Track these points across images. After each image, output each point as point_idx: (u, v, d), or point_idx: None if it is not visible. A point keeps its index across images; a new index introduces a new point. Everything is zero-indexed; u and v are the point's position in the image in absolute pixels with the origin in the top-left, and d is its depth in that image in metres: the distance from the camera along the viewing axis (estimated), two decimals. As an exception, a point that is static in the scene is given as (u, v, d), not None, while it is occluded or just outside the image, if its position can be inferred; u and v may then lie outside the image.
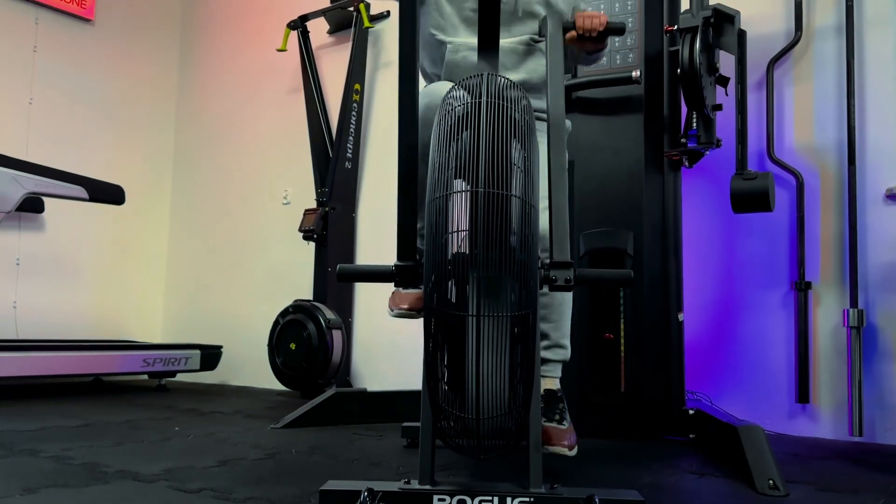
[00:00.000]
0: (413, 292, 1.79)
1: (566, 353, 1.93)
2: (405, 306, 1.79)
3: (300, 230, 3.82)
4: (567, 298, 1.92)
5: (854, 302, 2.52)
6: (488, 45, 1.54)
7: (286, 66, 4.36)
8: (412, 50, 1.46)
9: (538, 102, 1.94)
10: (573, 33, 1.86)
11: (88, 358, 3.59)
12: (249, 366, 4.23)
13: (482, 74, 1.39)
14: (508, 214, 1.26)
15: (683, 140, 2.49)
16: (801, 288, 2.63)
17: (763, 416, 2.64)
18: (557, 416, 1.80)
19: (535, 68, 1.95)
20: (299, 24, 4.13)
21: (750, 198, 2.42)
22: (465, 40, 1.92)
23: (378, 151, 3.97)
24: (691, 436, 2.37)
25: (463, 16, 1.94)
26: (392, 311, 1.83)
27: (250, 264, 4.46)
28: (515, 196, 1.26)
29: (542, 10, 1.95)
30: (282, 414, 2.72)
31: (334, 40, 4.21)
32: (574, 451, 1.74)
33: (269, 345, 3.65)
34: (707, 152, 2.53)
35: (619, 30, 1.86)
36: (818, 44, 2.73)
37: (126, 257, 4.74)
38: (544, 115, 1.93)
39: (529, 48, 1.94)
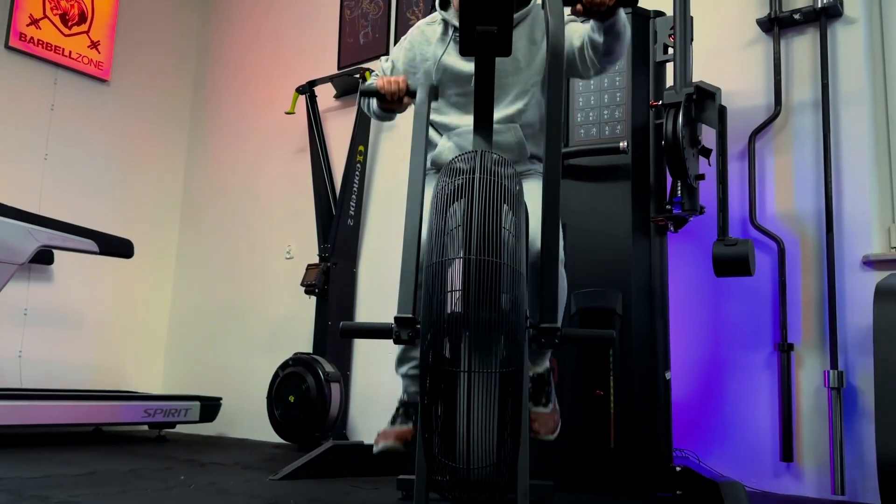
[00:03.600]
0: (399, 429, 1.94)
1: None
2: (390, 441, 1.93)
3: (302, 284, 3.93)
4: (562, 289, 1.99)
5: (834, 363, 2.61)
6: (483, 125, 1.68)
7: (293, 127, 4.54)
8: (424, 119, 1.61)
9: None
10: (579, 8, 1.80)
11: (90, 408, 3.66)
12: (247, 418, 4.29)
13: (476, 151, 1.53)
14: (498, 279, 1.38)
15: (669, 207, 2.63)
16: (784, 349, 2.73)
17: (749, 473, 2.71)
18: (544, 399, 1.90)
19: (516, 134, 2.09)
20: (307, 89, 4.33)
21: (731, 263, 2.55)
22: (455, 123, 2.09)
23: (380, 210, 4.12)
24: (678, 492, 2.44)
25: (450, 102, 2.12)
26: (376, 445, 1.96)
27: (252, 317, 4.56)
28: (504, 263, 1.38)
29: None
30: (280, 466, 2.78)
31: (340, 104, 4.41)
32: (555, 435, 1.86)
33: (269, 397, 3.72)
34: (691, 218, 2.66)
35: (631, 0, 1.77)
36: (797, 118, 2.90)
37: (130, 309, 4.84)
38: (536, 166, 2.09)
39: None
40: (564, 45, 1.72)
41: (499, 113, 1.99)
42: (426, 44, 2.17)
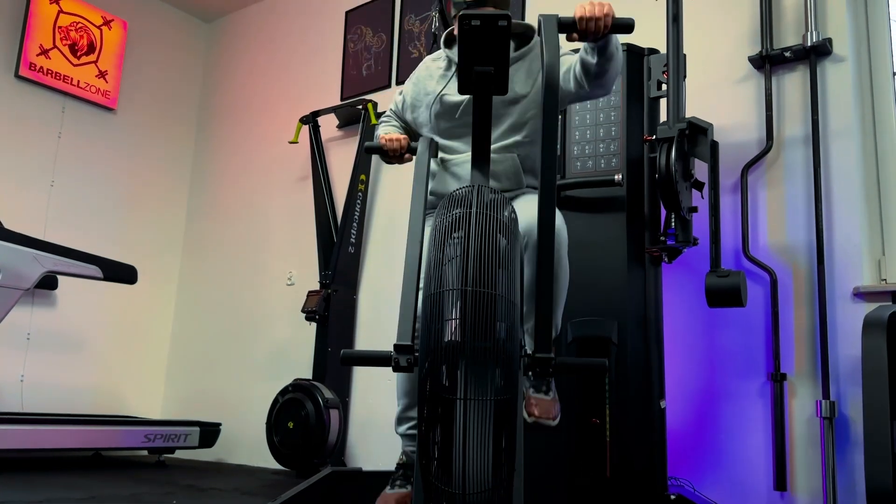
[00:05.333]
0: (398, 492, 1.97)
1: (555, 330, 2.10)
2: None
3: (303, 311, 3.98)
4: (563, 276, 2.07)
5: (826, 393, 2.65)
6: (480, 158, 1.75)
7: (296, 156, 4.63)
8: (424, 170, 1.68)
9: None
10: (575, 36, 1.77)
11: (91, 432, 3.68)
12: (246, 444, 4.30)
13: (474, 186, 1.59)
14: (493, 309, 1.43)
15: (663, 238, 2.69)
16: (777, 379, 2.77)
17: (743, 502, 2.74)
18: (544, 388, 1.92)
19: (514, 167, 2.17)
20: (311, 119, 4.42)
21: (723, 294, 2.60)
22: (451, 156, 2.19)
23: (380, 238, 4.18)
24: (673, 520, 2.46)
25: (447, 133, 2.22)
26: None
27: (252, 343, 4.60)
28: (499, 295, 1.43)
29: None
30: (278, 492, 2.79)
31: (343, 134, 4.49)
32: (556, 422, 1.88)
33: (268, 423, 3.75)
34: (685, 250, 2.72)
35: (626, 26, 1.70)
36: (788, 152, 2.97)
37: (132, 334, 4.88)
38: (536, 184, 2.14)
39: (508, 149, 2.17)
40: (559, 75, 1.69)
41: (495, 143, 2.08)
42: (429, 79, 2.28)
